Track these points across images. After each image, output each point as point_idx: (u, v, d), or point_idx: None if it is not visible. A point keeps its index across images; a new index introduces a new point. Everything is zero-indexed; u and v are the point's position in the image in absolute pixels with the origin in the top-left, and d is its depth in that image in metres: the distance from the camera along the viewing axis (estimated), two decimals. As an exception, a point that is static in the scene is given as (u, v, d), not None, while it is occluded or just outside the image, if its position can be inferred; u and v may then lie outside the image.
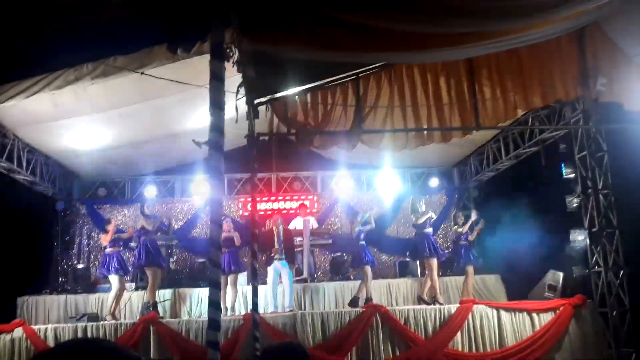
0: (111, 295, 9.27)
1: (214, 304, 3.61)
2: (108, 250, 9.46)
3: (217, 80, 3.46)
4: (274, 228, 9.56)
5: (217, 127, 3.39)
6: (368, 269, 9.67)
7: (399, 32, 4.58)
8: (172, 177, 13.24)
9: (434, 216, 10.41)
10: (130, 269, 10.13)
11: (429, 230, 9.86)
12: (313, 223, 11.32)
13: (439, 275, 9.96)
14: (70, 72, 7.74)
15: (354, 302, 9.49)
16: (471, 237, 10.16)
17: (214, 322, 3.56)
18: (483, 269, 10.92)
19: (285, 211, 12.40)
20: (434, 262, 9.54)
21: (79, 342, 0.95)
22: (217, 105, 3.42)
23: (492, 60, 7.16)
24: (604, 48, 6.89)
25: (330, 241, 11.26)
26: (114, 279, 9.25)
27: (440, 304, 9.12)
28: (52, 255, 12.07)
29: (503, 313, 8.61)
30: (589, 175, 9.34)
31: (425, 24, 4.39)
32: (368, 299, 9.49)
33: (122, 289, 9.37)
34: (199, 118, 8.90)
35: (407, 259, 11.67)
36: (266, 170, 12.63)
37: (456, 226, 10.34)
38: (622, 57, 6.79)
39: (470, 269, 9.97)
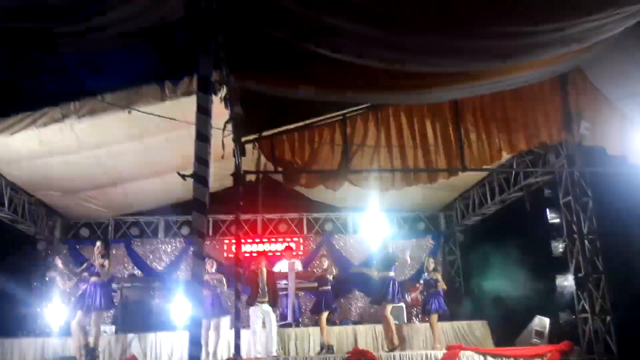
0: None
1: (194, 342, 3.51)
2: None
3: (202, 112, 3.46)
4: (258, 271, 9.37)
5: (202, 160, 3.36)
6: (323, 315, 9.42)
7: (386, 71, 4.63)
8: (157, 217, 13.09)
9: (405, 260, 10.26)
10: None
11: (391, 273, 9.23)
12: (298, 266, 11.17)
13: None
14: (56, 110, 7.72)
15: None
16: (441, 285, 9.77)
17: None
18: (470, 315, 10.77)
19: (270, 253, 12.26)
20: (388, 308, 9.20)
21: None
22: (202, 137, 3.41)
23: (477, 105, 7.27)
24: (586, 92, 7.02)
25: (315, 284, 11.05)
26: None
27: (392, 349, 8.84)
28: (30, 296, 11.75)
29: (490, 359, 8.43)
30: (574, 220, 9.37)
31: (411, 63, 4.45)
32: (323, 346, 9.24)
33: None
34: (186, 158, 8.87)
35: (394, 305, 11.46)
36: (252, 212, 12.54)
37: (425, 273, 10.00)
38: (605, 101, 6.92)
39: (433, 317, 9.61)
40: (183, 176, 3.35)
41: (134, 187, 10.97)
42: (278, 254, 12.22)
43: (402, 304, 10.47)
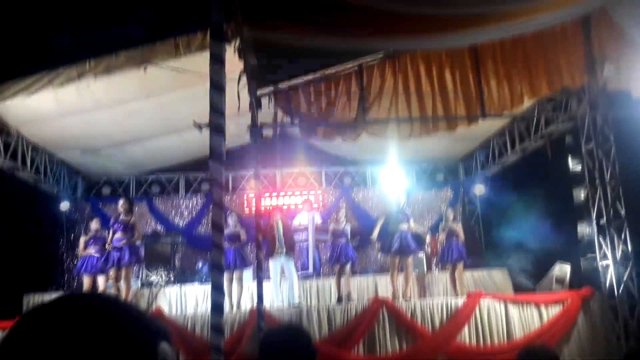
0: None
1: (217, 307, 3.52)
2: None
3: (216, 61, 3.40)
4: (274, 224, 9.48)
5: (217, 109, 3.32)
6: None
7: (403, 15, 4.50)
8: (177, 174, 13.20)
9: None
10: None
11: (405, 226, 9.29)
12: (317, 218, 11.23)
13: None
14: (72, 68, 7.71)
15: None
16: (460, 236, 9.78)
17: (216, 326, 3.48)
18: (489, 263, 10.81)
19: (288, 206, 12.34)
20: (408, 258, 9.28)
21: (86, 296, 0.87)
22: (217, 86, 3.36)
23: (498, 49, 7.08)
24: (610, 34, 6.77)
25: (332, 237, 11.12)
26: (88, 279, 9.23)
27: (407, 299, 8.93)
28: (57, 254, 12.04)
29: (510, 306, 8.51)
30: (596, 167, 9.22)
31: (428, 6, 4.31)
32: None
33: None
34: (202, 115, 8.85)
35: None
36: (270, 167, 12.57)
37: (444, 222, 9.99)
38: (630, 43, 6.67)
39: (459, 265, 9.69)
40: (199, 125, 3.32)
41: (152, 144, 11.04)
42: (299, 206, 12.28)
43: (422, 254, 10.55)
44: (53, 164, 11.18)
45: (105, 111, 9.07)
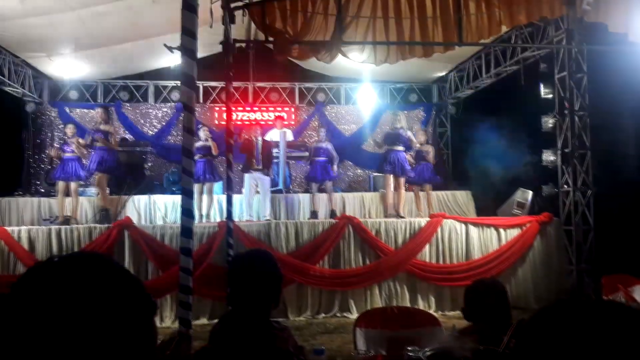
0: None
1: (186, 212, 3.66)
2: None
3: (189, -21, 3.30)
4: (253, 139, 9.52)
5: (189, 31, 3.26)
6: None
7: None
8: (147, 82, 12.93)
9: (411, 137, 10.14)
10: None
11: (400, 148, 9.62)
12: (289, 135, 11.29)
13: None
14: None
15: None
16: (430, 159, 10.18)
17: (186, 229, 3.63)
18: (455, 184, 11.13)
19: (262, 122, 12.31)
20: (390, 179, 9.61)
21: (88, 257, 0.93)
22: (188, 7, 3.28)
23: (480, -26, 6.93)
24: (593, -35, 6.69)
25: (306, 153, 11.24)
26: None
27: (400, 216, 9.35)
28: (24, 158, 11.91)
29: (471, 228, 8.83)
30: (567, 96, 9.35)
31: None
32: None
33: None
34: (173, 21, 8.57)
35: (380, 174, 11.79)
36: (243, 80, 12.38)
37: (417, 144, 10.23)
38: (611, -24, 6.62)
39: (427, 187, 10.16)
40: (170, 48, 3.27)
41: (120, 49, 10.67)
42: (269, 122, 12.26)
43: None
44: (17, 65, 10.81)
45: (71, 13, 8.69)
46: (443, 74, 13.16)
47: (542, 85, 9.84)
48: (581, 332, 0.81)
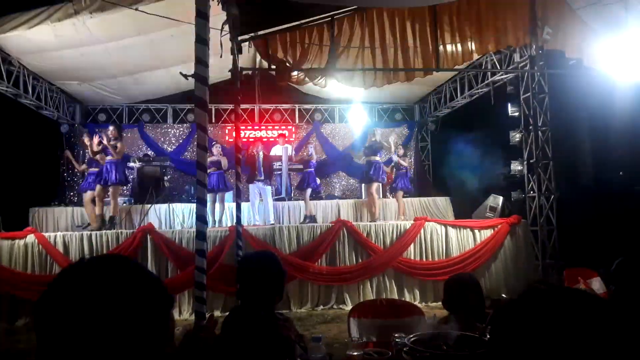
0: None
1: (200, 218, 3.65)
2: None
3: (201, 16, 3.32)
4: (255, 154, 9.55)
5: (202, 61, 3.27)
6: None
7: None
8: (165, 105, 12.95)
9: (389, 146, 10.38)
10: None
11: (376, 158, 9.75)
12: (290, 150, 11.32)
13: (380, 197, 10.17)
14: (69, 5, 7.35)
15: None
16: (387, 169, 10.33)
17: (200, 233, 3.62)
18: (435, 191, 11.15)
19: (265, 139, 12.34)
20: (375, 185, 9.68)
21: (107, 259, 0.93)
22: (201, 40, 3.29)
23: (454, 9, 6.97)
24: (552, 0, 6.72)
25: (301, 166, 11.24)
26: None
27: (375, 220, 9.34)
28: (58, 172, 11.90)
29: (450, 229, 8.83)
30: (531, 114, 9.40)
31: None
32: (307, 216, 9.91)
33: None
34: (189, 52, 8.60)
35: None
36: (250, 102, 12.41)
37: (395, 157, 10.45)
38: (567, 9, 6.65)
39: (399, 193, 10.28)
40: (185, 76, 3.28)
41: (143, 77, 10.71)
42: (272, 139, 12.29)
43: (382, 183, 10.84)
44: (53, 92, 10.81)
45: (99, 45, 8.70)
46: (424, 95, 13.21)
47: (509, 105, 9.91)
48: (549, 314, 0.81)
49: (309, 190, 9.99)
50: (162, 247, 7.93)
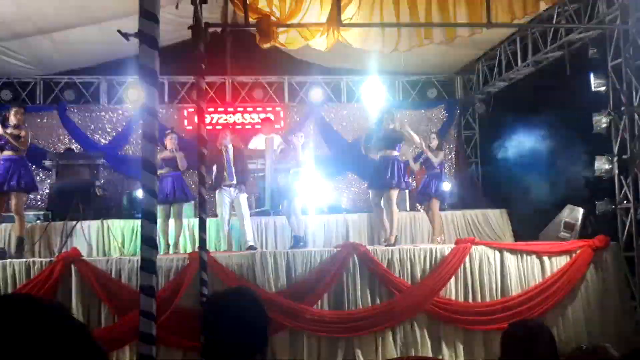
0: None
1: (148, 241, 3.63)
2: None
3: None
4: (222, 147, 9.52)
5: (148, 13, 3.26)
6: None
7: None
8: (97, 77, 12.98)
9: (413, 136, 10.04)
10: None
11: (395, 153, 9.52)
12: (278, 142, 11.31)
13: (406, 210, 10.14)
14: None
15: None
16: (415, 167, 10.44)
17: (147, 263, 3.60)
18: (485, 203, 11.15)
19: (240, 126, 12.38)
20: (394, 193, 9.53)
21: None
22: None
23: (512, -63, 7.00)
24: None
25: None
26: None
27: (392, 245, 9.18)
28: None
29: (507, 256, 8.80)
30: (624, 89, 9.39)
31: None
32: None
33: None
34: (129, 1, 8.62)
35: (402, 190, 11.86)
36: (219, 73, 12.44)
37: (426, 149, 10.40)
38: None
39: (434, 203, 10.20)
40: (125, 35, 3.28)
41: (65, 37, 10.73)
42: (250, 126, 12.34)
43: (406, 190, 10.81)
44: None
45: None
46: (469, 63, 13.22)
47: (592, 76, 9.89)
48: None
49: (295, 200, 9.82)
50: (92, 283, 7.91)
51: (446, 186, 10.52)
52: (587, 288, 8.88)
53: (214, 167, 9.48)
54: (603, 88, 9.81)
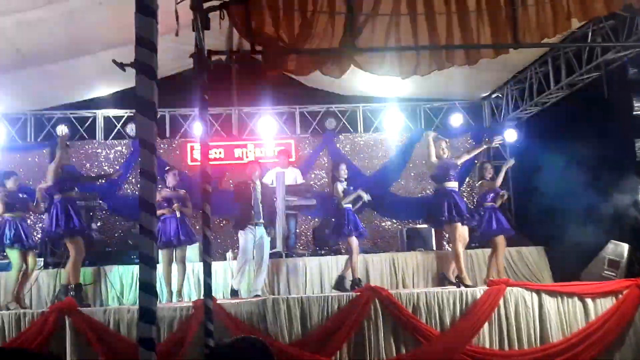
0: (12, 275, 9.25)
1: (147, 288, 3.63)
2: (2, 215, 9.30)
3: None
4: (251, 183, 9.54)
5: (146, 41, 3.30)
6: (353, 240, 9.84)
7: None
8: (93, 112, 13.13)
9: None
10: (35, 240, 10.02)
11: (453, 184, 9.60)
12: (298, 176, 11.36)
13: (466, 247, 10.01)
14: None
15: (339, 284, 9.70)
16: (498, 201, 10.23)
17: (147, 312, 3.59)
18: (519, 240, 11.08)
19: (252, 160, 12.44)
20: (457, 228, 9.44)
21: None
22: (144, 9, 3.33)
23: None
24: None
25: (313, 202, 11.22)
26: (12, 254, 9.19)
27: (467, 285, 9.15)
28: None
29: (546, 298, 8.75)
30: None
31: None
32: (355, 281, 9.75)
33: (26, 267, 9.31)
34: (127, 30, 8.73)
35: (418, 226, 11.77)
36: (224, 104, 12.54)
37: (482, 181, 10.36)
38: None
39: (500, 239, 10.04)
40: (121, 66, 3.32)
41: (58, 70, 10.87)
42: (262, 160, 12.39)
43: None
44: None
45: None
46: (496, 87, 13.26)
47: (633, 98, 9.89)
48: None
49: (353, 239, 9.94)
50: (87, 335, 7.92)
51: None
52: (636, 332, 8.77)
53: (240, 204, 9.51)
54: (646, 111, 9.82)
